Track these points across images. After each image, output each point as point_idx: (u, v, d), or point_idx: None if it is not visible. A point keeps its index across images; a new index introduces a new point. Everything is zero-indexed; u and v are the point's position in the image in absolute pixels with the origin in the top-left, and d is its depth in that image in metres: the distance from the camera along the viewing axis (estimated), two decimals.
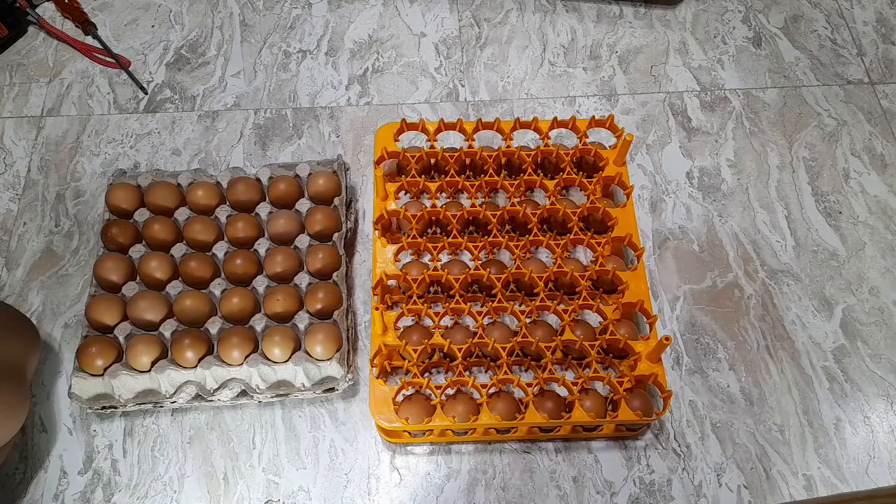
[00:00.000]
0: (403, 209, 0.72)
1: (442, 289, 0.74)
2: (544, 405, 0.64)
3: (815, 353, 0.73)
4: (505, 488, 0.66)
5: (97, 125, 0.87)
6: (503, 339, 0.67)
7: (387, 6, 0.96)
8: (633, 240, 0.70)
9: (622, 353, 0.68)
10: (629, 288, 0.68)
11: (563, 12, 0.95)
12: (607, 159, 0.76)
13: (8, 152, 0.85)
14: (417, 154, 0.76)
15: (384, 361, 0.67)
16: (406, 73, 0.91)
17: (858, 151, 0.85)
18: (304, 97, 0.89)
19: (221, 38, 0.93)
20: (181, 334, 0.66)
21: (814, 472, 0.67)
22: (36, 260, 0.78)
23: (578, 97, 0.89)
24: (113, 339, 0.68)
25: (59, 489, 0.66)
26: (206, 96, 0.89)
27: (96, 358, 0.65)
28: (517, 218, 0.74)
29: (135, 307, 0.68)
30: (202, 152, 0.85)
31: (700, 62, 0.92)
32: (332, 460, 0.68)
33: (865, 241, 0.79)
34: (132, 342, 0.66)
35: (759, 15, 0.96)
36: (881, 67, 0.91)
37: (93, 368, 0.65)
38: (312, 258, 0.71)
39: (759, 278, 0.77)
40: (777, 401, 0.71)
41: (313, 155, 0.84)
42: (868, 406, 0.70)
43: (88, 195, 0.82)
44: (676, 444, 0.68)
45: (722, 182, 0.83)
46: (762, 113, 0.88)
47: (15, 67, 0.91)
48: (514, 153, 0.76)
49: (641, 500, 0.66)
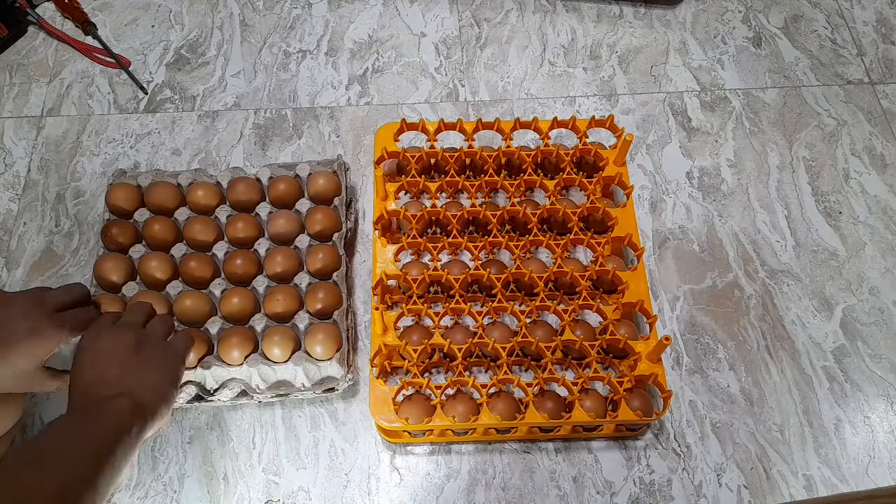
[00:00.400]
0: (403, 209, 0.72)
1: (442, 289, 0.74)
2: (544, 405, 0.64)
3: (815, 353, 0.73)
4: (505, 488, 0.66)
5: (97, 125, 0.87)
6: (503, 339, 0.67)
7: (387, 6, 0.96)
8: (633, 240, 0.70)
9: (622, 353, 0.68)
10: (629, 288, 0.68)
11: (563, 12, 0.95)
12: (607, 159, 0.76)
13: (8, 152, 0.85)
14: (417, 154, 0.76)
15: (384, 361, 0.67)
16: (406, 73, 0.91)
17: (858, 151, 0.85)
18: (304, 97, 0.89)
19: (221, 38, 0.93)
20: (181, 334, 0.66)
21: (814, 472, 0.67)
22: (36, 260, 0.78)
23: (578, 97, 0.89)
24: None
25: None
26: (206, 96, 0.89)
27: None
28: (517, 218, 0.74)
29: None
30: (202, 152, 0.85)
31: (700, 62, 0.92)
32: (332, 460, 0.68)
33: (865, 241, 0.79)
34: None
35: (759, 15, 0.96)
36: (881, 67, 0.91)
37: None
38: (312, 258, 0.71)
39: (759, 278, 0.77)
40: (777, 401, 0.71)
41: (313, 155, 0.84)
42: (868, 406, 0.70)
43: (88, 195, 0.82)
44: (676, 444, 0.68)
45: (722, 182, 0.83)
46: (762, 113, 0.88)
47: (15, 67, 0.91)
48: (514, 153, 0.76)
49: (641, 500, 0.66)
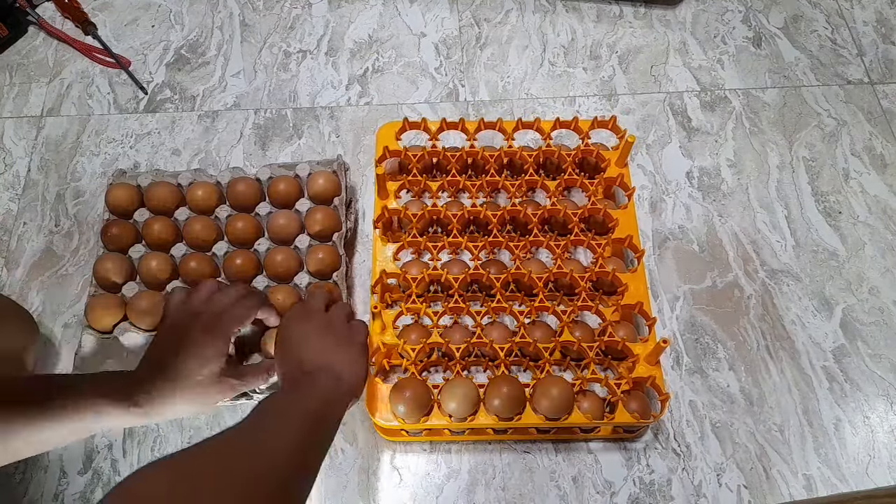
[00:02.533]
0: (404, 208, 0.72)
1: (441, 288, 0.74)
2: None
3: (814, 353, 0.73)
4: (505, 488, 0.66)
5: (97, 125, 0.87)
6: (502, 339, 0.67)
7: (387, 6, 0.96)
8: (633, 242, 0.70)
9: (621, 354, 0.68)
10: (629, 290, 0.68)
11: (563, 12, 0.95)
12: (609, 160, 0.76)
13: (8, 152, 0.85)
14: (419, 153, 0.76)
15: (383, 360, 0.67)
16: (406, 73, 0.91)
17: (858, 151, 0.85)
18: (304, 97, 0.89)
19: (221, 38, 0.93)
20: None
21: (814, 471, 0.67)
22: (36, 260, 0.78)
23: (578, 97, 0.89)
24: (113, 339, 0.68)
25: (59, 489, 0.66)
26: (206, 96, 0.89)
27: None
28: (518, 218, 0.74)
29: (135, 307, 0.68)
30: (202, 152, 0.85)
31: (700, 62, 0.92)
32: (331, 460, 0.68)
33: (865, 241, 0.79)
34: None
35: (759, 15, 0.96)
36: (881, 67, 0.91)
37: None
38: (312, 258, 0.71)
39: (758, 278, 0.77)
40: (777, 401, 0.71)
41: (313, 155, 0.84)
42: (868, 406, 0.70)
43: (88, 195, 0.82)
44: (676, 444, 0.68)
45: (722, 182, 0.83)
46: (762, 113, 0.88)
47: (15, 67, 0.91)
48: (515, 153, 0.76)
49: (641, 500, 0.66)
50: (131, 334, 0.67)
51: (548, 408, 0.62)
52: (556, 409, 0.62)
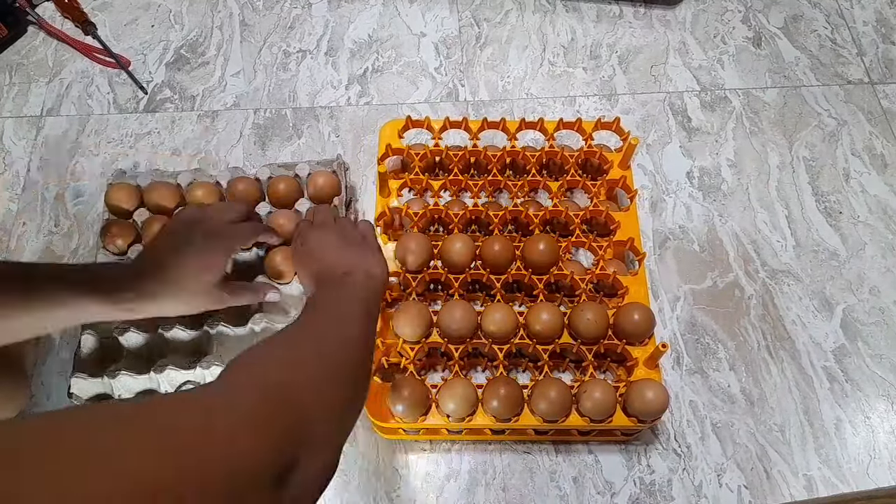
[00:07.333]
0: (406, 206, 0.72)
1: (442, 287, 0.74)
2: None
3: (815, 353, 0.73)
4: (505, 488, 0.66)
5: (97, 125, 0.87)
6: (501, 332, 0.66)
7: (387, 6, 0.96)
8: (635, 244, 0.70)
9: (620, 357, 0.68)
10: (629, 293, 0.68)
11: (563, 12, 0.95)
12: (612, 162, 0.76)
13: (8, 152, 0.85)
14: (422, 151, 0.76)
15: (381, 358, 0.67)
16: (406, 72, 0.91)
17: (858, 151, 0.85)
18: (304, 97, 0.89)
19: (221, 38, 0.93)
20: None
21: (814, 472, 0.67)
22: (35, 260, 0.77)
23: (578, 97, 0.89)
24: (113, 339, 0.68)
25: None
26: (206, 96, 0.89)
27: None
28: (519, 219, 0.74)
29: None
30: (202, 152, 0.85)
31: (700, 62, 0.92)
32: None
33: (866, 241, 0.79)
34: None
35: (759, 15, 0.96)
36: (881, 67, 0.91)
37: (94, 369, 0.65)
38: None
39: (759, 278, 0.77)
40: (777, 401, 0.70)
41: (313, 155, 0.84)
42: (868, 406, 0.70)
43: (88, 195, 0.82)
44: (677, 445, 0.68)
45: (722, 182, 0.83)
46: (762, 113, 0.88)
47: (15, 67, 0.91)
48: (518, 153, 0.76)
49: (642, 501, 0.66)
50: (132, 334, 0.67)
51: (546, 410, 0.61)
52: (553, 411, 0.61)
